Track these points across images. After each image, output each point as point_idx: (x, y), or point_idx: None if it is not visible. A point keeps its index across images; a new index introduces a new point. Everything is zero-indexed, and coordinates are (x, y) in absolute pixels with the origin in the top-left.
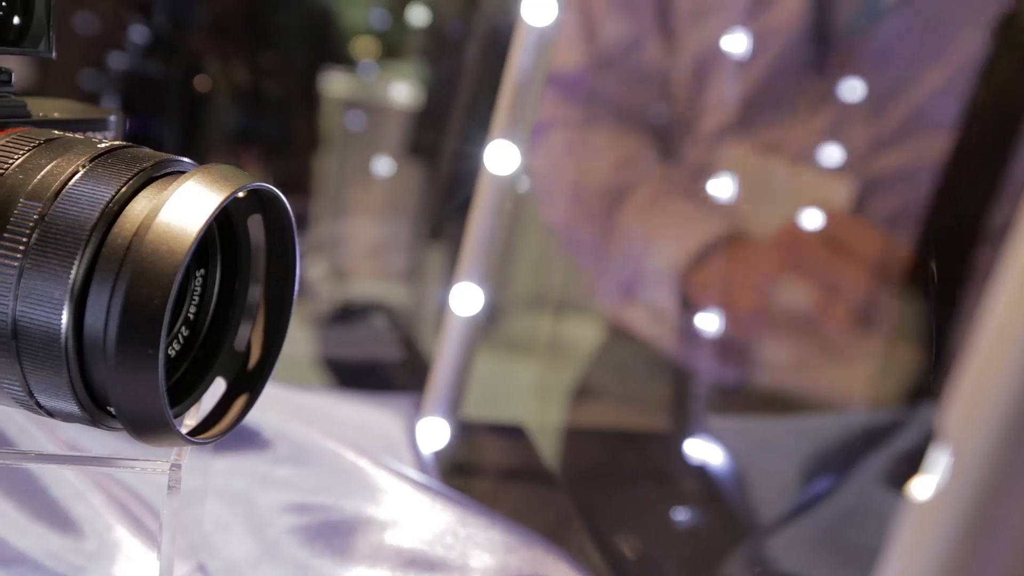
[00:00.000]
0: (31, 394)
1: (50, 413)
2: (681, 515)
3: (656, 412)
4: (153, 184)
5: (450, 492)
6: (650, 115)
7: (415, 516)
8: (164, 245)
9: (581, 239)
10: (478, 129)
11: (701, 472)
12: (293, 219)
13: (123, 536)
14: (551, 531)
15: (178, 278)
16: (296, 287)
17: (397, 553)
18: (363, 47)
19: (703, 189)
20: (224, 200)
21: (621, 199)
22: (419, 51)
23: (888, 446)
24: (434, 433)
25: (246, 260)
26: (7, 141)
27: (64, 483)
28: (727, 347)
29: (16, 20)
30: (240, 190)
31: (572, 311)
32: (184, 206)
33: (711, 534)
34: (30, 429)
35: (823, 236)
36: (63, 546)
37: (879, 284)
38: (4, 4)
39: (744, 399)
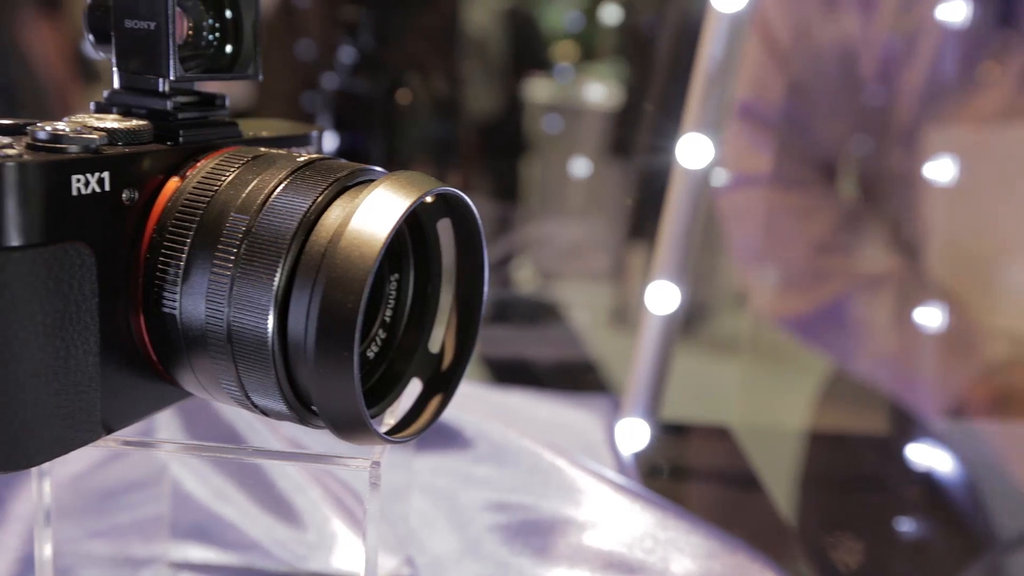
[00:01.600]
0: (246, 394)
1: (264, 412)
2: (904, 525)
3: (874, 413)
4: (347, 193)
5: (650, 494)
6: (861, 104)
7: (614, 518)
8: (356, 251)
9: (801, 324)
10: (672, 124)
11: (926, 479)
12: (480, 222)
13: (339, 528)
14: (757, 537)
15: (369, 282)
16: (486, 289)
17: (596, 555)
18: (562, 51)
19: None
20: (411, 205)
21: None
22: (615, 51)
23: None
24: (634, 434)
25: (437, 263)
26: (220, 160)
27: (287, 477)
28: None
29: (228, 49)
30: (427, 195)
31: None
32: (374, 213)
33: (939, 548)
34: (257, 426)
35: None
36: (287, 536)
37: None
38: (217, 36)
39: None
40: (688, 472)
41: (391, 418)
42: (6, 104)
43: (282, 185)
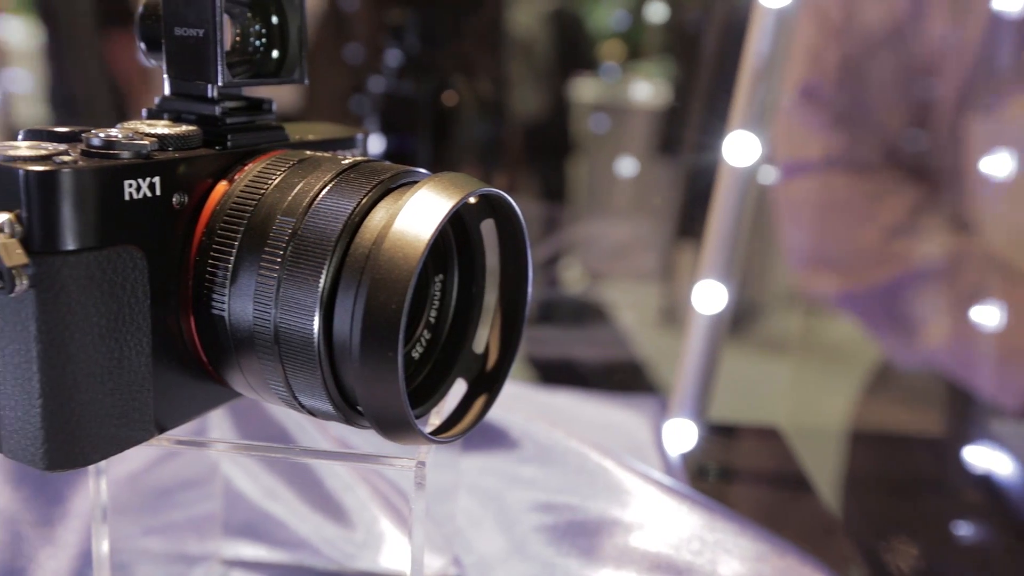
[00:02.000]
0: (294, 395)
1: (311, 412)
2: (962, 530)
3: (930, 414)
4: (391, 194)
5: (697, 495)
6: (918, 96)
7: (661, 519)
8: (399, 253)
9: (863, 309)
10: (719, 121)
11: (985, 482)
12: (524, 223)
13: (387, 528)
14: (808, 540)
15: (412, 284)
16: (529, 289)
17: (643, 556)
18: (609, 50)
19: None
20: (454, 207)
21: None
22: (661, 49)
23: None
24: (681, 434)
25: (481, 264)
26: (267, 164)
27: (336, 476)
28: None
29: (274, 54)
30: (470, 196)
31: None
32: (417, 214)
33: (999, 552)
34: (306, 426)
35: None
36: (336, 534)
37: None
38: (264, 41)
39: None
40: (737, 473)
41: (436, 418)
42: (79, 113)
43: (327, 188)
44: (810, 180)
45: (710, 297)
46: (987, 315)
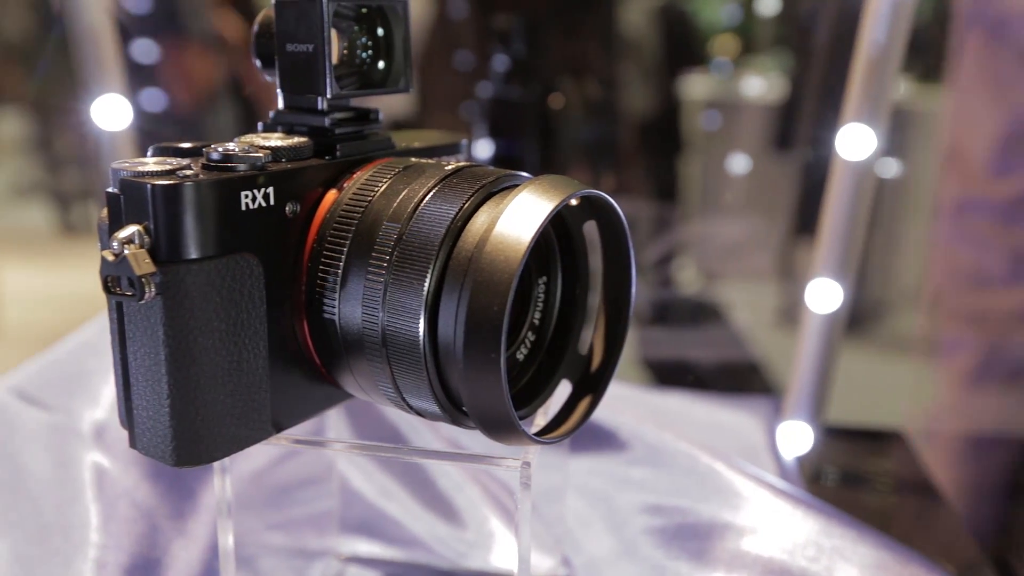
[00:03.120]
0: (401, 396)
1: (419, 412)
2: None
3: None
4: (492, 198)
5: (814, 500)
6: None
7: (775, 524)
8: (501, 256)
9: None
10: (835, 114)
11: None
12: (626, 224)
13: (497, 528)
14: (934, 549)
15: (514, 286)
16: (633, 290)
17: (755, 560)
18: (721, 46)
19: None
20: (554, 209)
21: None
22: (775, 42)
23: None
24: (796, 437)
25: (584, 266)
26: (374, 172)
27: (447, 476)
28: None
29: (380, 65)
30: (570, 198)
31: None
32: (518, 217)
33: None
34: (418, 427)
35: None
36: (448, 533)
37: None
38: (370, 53)
39: None
40: (857, 478)
41: (542, 419)
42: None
43: (431, 193)
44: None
45: (825, 296)
46: None
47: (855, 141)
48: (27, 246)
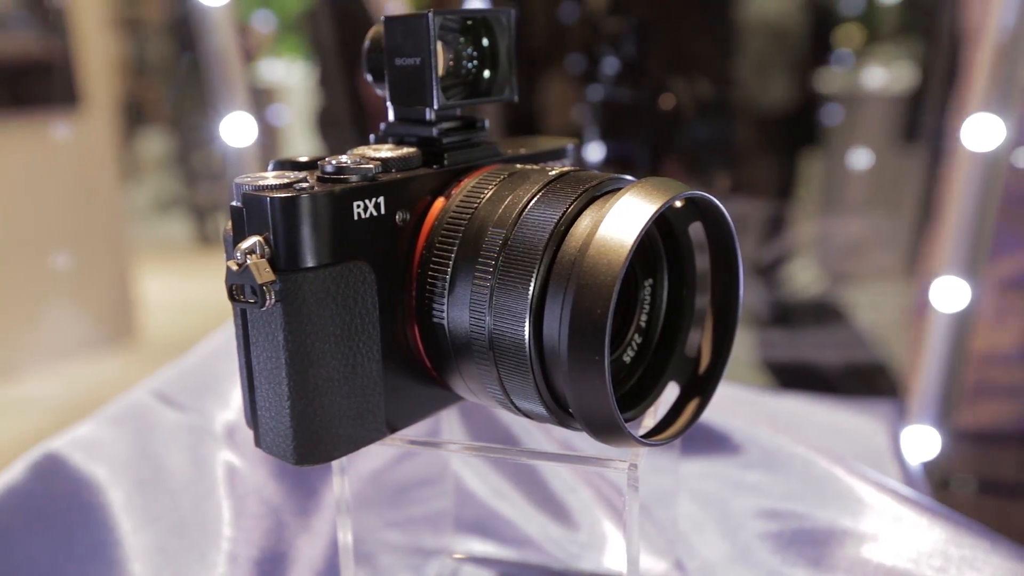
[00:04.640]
0: (509, 398)
1: (526, 414)
2: None
3: None
4: (596, 202)
5: (941, 508)
6: None
7: (898, 531)
8: (603, 258)
9: None
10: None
11: None
12: (732, 225)
13: (609, 530)
14: None
15: (617, 289)
16: (741, 292)
17: (876, 569)
18: (844, 36)
19: None
20: (657, 211)
21: None
22: (899, 31)
23: None
24: (921, 441)
25: (691, 268)
26: (480, 179)
27: (560, 478)
28: None
29: (486, 74)
30: (674, 199)
31: None
32: (621, 220)
33: None
34: (531, 428)
35: None
36: (560, 534)
37: None
38: (476, 63)
39: None
40: (990, 485)
41: (651, 420)
42: (341, 138)
43: (535, 199)
44: None
45: (951, 294)
46: None
47: (982, 131)
48: (166, 257)
